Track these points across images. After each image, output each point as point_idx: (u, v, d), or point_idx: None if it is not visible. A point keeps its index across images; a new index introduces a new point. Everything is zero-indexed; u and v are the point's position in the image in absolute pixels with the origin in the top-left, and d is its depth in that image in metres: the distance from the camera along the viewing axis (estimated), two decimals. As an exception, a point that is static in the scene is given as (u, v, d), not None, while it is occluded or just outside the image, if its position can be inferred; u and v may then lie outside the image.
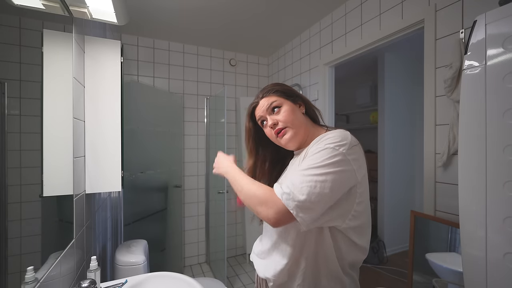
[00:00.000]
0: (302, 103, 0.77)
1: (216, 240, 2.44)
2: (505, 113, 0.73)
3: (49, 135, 0.82)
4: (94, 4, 0.94)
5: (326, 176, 0.56)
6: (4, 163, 0.60)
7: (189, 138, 2.65)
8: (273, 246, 0.72)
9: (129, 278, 1.01)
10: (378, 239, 2.77)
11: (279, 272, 0.68)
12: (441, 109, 1.26)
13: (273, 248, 0.72)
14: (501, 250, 0.73)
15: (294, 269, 0.67)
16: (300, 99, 0.77)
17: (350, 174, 0.59)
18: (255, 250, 0.82)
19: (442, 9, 1.26)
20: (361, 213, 0.63)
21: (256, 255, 0.80)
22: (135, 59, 2.39)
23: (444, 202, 1.26)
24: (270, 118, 0.73)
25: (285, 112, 0.71)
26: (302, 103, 0.77)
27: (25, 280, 0.65)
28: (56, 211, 0.92)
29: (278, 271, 0.69)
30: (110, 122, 1.18)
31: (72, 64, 0.97)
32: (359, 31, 1.75)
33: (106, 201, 1.67)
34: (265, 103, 0.74)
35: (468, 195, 0.81)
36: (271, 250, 0.73)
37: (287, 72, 2.63)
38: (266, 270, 0.72)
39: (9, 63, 0.63)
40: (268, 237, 0.75)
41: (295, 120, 0.71)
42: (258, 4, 1.87)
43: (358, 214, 0.62)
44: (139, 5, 1.85)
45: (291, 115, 0.71)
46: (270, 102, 0.73)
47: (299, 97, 0.77)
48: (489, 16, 0.77)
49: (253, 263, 0.82)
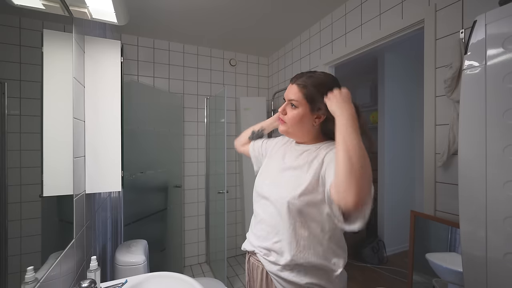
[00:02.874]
0: (322, 116, 0.75)
1: (216, 240, 2.44)
2: (505, 113, 0.73)
3: (49, 135, 0.82)
4: (94, 4, 0.94)
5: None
6: (4, 163, 0.60)
7: (189, 138, 2.65)
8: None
9: (129, 278, 1.01)
10: (378, 239, 2.77)
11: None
12: (441, 109, 1.26)
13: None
14: (501, 250, 0.73)
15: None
16: (322, 111, 0.74)
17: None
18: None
19: (442, 9, 1.26)
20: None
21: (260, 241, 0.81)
22: (135, 59, 2.39)
23: (444, 202, 1.26)
24: (283, 107, 0.79)
25: (293, 116, 0.76)
26: (322, 116, 0.75)
27: (25, 280, 0.65)
28: (56, 211, 0.92)
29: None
30: (110, 122, 1.18)
31: (72, 64, 0.97)
32: (359, 31, 1.75)
33: (106, 201, 1.67)
34: (289, 92, 0.76)
35: (468, 195, 0.81)
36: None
37: (287, 72, 2.63)
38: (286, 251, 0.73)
39: (9, 63, 0.63)
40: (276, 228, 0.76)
41: (297, 126, 0.77)
42: (258, 4, 1.87)
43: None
44: (139, 5, 1.85)
45: (296, 121, 0.76)
46: (291, 97, 0.76)
47: (323, 109, 0.73)
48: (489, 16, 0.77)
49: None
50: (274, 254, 0.76)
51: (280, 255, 0.74)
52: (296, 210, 0.71)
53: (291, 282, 0.73)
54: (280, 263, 0.74)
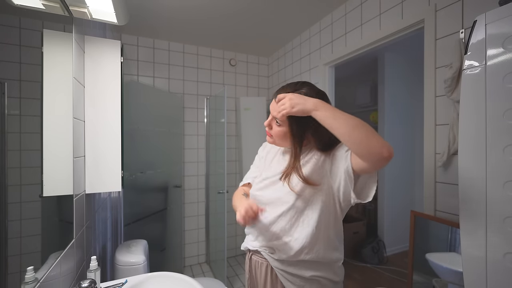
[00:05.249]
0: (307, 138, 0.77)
1: (216, 240, 2.44)
2: (505, 113, 0.73)
3: (49, 135, 0.82)
4: (94, 4, 0.94)
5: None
6: (4, 163, 0.60)
7: (189, 138, 2.65)
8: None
9: (129, 278, 1.01)
10: (378, 239, 2.77)
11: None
12: (441, 109, 1.26)
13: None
14: (501, 250, 0.73)
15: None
16: (307, 133, 0.76)
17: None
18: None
19: (442, 9, 1.26)
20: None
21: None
22: (135, 59, 2.39)
23: (444, 202, 1.25)
24: (269, 122, 0.81)
25: (278, 133, 0.79)
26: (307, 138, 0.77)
27: (25, 280, 0.65)
28: (56, 211, 0.92)
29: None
30: (110, 122, 1.18)
31: (72, 64, 0.97)
32: (359, 31, 1.75)
33: (106, 201, 1.67)
34: (273, 110, 0.77)
35: (468, 195, 0.81)
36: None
37: (287, 72, 2.63)
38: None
39: (9, 63, 0.63)
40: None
41: (283, 140, 0.80)
42: (259, 3, 1.87)
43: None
44: (139, 5, 1.85)
45: (281, 137, 0.79)
46: (274, 115, 0.76)
47: (306, 131, 0.75)
48: (489, 16, 0.77)
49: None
50: (279, 252, 0.78)
51: (283, 254, 0.77)
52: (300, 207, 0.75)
53: (297, 275, 0.77)
54: (286, 258, 0.76)
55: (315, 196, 0.74)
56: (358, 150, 0.62)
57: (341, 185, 0.70)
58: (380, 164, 0.61)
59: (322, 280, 0.78)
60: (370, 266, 2.58)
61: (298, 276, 0.77)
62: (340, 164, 0.70)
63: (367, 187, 0.69)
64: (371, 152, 0.60)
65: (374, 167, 0.63)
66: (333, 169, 0.72)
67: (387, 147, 0.60)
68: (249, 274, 0.89)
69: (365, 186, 0.70)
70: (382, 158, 0.59)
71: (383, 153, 0.59)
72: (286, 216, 0.77)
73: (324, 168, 0.74)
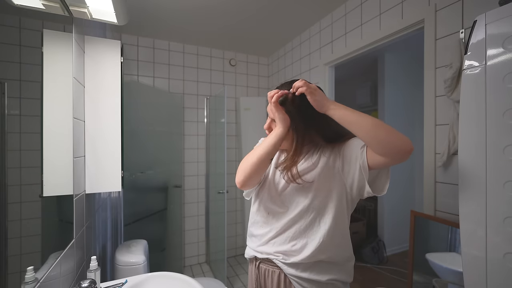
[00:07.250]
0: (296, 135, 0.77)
1: (216, 240, 2.44)
2: (505, 113, 0.73)
3: (49, 135, 0.82)
4: (94, 4, 0.94)
5: None
6: (4, 163, 0.60)
7: (189, 138, 2.65)
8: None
9: (129, 278, 1.01)
10: (378, 239, 2.77)
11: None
12: (441, 109, 1.26)
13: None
14: (501, 250, 0.73)
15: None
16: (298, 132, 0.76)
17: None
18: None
19: (442, 9, 1.26)
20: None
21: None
22: (135, 59, 2.39)
23: (444, 202, 1.25)
24: (268, 125, 0.82)
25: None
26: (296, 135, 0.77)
27: (25, 280, 0.65)
28: (56, 211, 0.92)
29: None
30: (110, 122, 1.18)
31: (72, 64, 0.97)
32: (359, 31, 1.75)
33: (106, 201, 1.67)
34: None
35: (468, 195, 0.81)
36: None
37: (287, 72, 2.63)
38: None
39: (9, 63, 0.63)
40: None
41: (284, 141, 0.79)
42: (259, 3, 1.87)
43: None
44: (139, 5, 1.85)
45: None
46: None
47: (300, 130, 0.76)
48: (489, 16, 0.77)
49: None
50: (294, 256, 0.76)
51: (299, 255, 0.75)
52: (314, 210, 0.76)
53: (313, 281, 0.75)
54: (302, 261, 0.74)
55: (330, 194, 0.75)
56: (379, 147, 0.63)
57: (355, 180, 0.71)
58: (403, 158, 0.64)
59: (337, 283, 0.78)
60: (370, 266, 2.58)
61: (314, 281, 0.75)
62: (354, 160, 0.70)
63: (382, 181, 0.72)
64: (394, 148, 0.63)
65: (394, 162, 0.65)
66: (345, 166, 0.73)
67: (408, 141, 0.63)
68: (256, 284, 0.84)
69: (380, 180, 0.72)
70: (405, 153, 0.63)
71: (406, 148, 0.62)
72: (302, 216, 0.76)
73: (335, 167, 0.75)
